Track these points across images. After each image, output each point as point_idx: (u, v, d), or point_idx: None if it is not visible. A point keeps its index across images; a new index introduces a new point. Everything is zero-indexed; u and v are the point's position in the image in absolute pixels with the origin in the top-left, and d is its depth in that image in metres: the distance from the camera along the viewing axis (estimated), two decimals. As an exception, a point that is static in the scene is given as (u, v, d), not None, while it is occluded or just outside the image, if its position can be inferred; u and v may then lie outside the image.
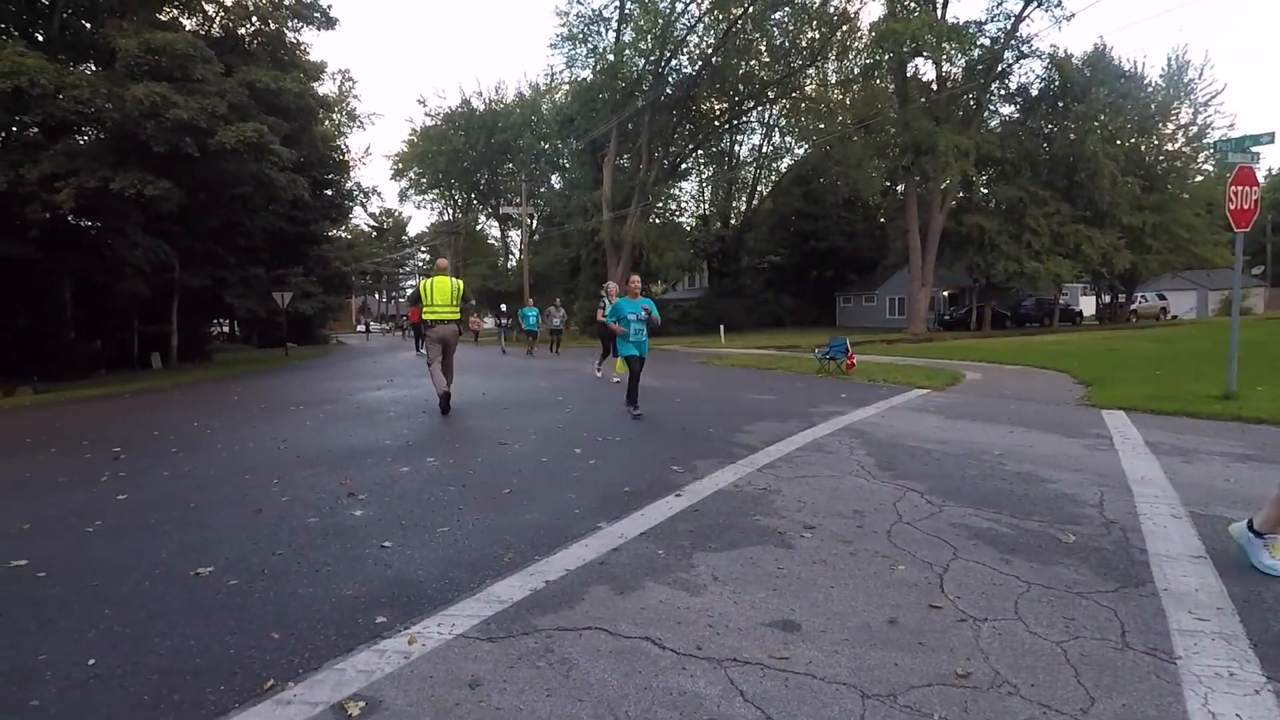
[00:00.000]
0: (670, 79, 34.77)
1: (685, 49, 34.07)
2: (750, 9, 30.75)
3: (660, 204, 39.53)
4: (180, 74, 17.37)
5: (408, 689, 2.39)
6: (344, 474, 5.61)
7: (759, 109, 41.26)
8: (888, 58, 30.47)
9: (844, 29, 33.67)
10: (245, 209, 24.53)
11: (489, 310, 59.08)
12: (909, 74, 33.05)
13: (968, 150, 29.44)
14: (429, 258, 74.45)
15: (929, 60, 31.96)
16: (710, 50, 33.47)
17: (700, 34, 33.90)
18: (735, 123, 41.62)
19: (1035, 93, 34.74)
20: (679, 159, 40.24)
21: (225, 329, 46.88)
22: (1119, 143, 34.99)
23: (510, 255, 59.01)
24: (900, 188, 35.75)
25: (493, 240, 63.27)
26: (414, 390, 12.03)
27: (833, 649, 2.59)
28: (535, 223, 49.33)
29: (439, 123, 51.61)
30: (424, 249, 73.90)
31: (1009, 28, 31.16)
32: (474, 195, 57.23)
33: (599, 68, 34.65)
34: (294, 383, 15.63)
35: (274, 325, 34.99)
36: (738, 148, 47.01)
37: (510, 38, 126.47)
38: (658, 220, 39.00)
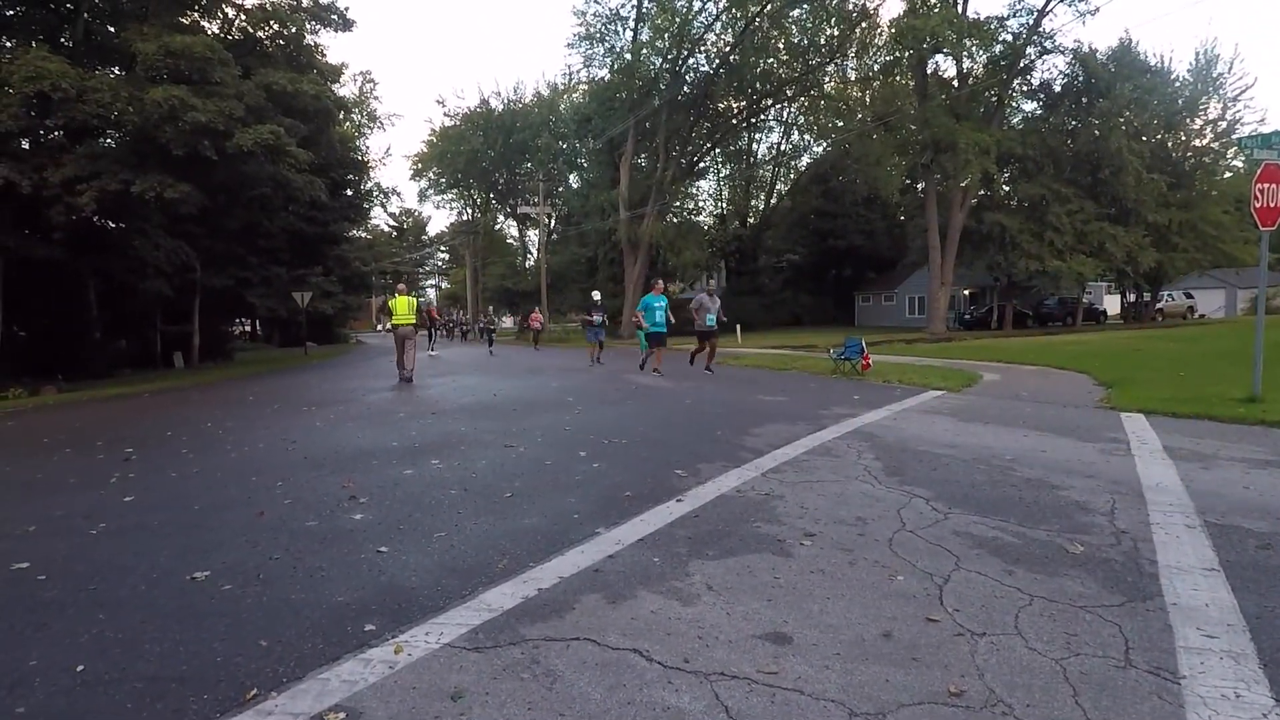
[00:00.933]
0: (688, 77, 34.71)
1: (703, 47, 34.02)
2: (768, 6, 30.53)
3: (678, 203, 39.46)
4: (199, 77, 17.60)
5: (389, 700, 2.36)
6: (348, 476, 5.63)
7: (777, 107, 41.05)
8: (907, 54, 30.08)
9: (863, 26, 33.40)
10: (264, 210, 24.85)
11: (506, 310, 59.50)
12: (929, 70, 32.59)
13: (989, 147, 28.98)
14: (448, 257, 75.16)
15: (949, 57, 31.61)
16: (728, 48, 33.36)
17: (718, 32, 33.81)
18: (753, 121, 41.45)
19: (1058, 89, 34.22)
20: (696, 158, 40.14)
21: (247, 328, 47.52)
22: (1145, 139, 34.33)
23: (528, 255, 59.23)
24: (920, 185, 35.31)
25: (511, 240, 63.60)
26: (426, 391, 12.11)
27: (823, 664, 2.53)
28: (553, 222, 49.45)
29: (458, 123, 51.99)
30: (443, 248, 74.58)
31: (1031, 23, 30.72)
32: (492, 195, 57.56)
33: (616, 67, 34.70)
34: (310, 382, 15.79)
35: (294, 324, 35.45)
36: (756, 146, 46.89)
37: (528, 38, 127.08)
38: (675, 219, 38.93)
